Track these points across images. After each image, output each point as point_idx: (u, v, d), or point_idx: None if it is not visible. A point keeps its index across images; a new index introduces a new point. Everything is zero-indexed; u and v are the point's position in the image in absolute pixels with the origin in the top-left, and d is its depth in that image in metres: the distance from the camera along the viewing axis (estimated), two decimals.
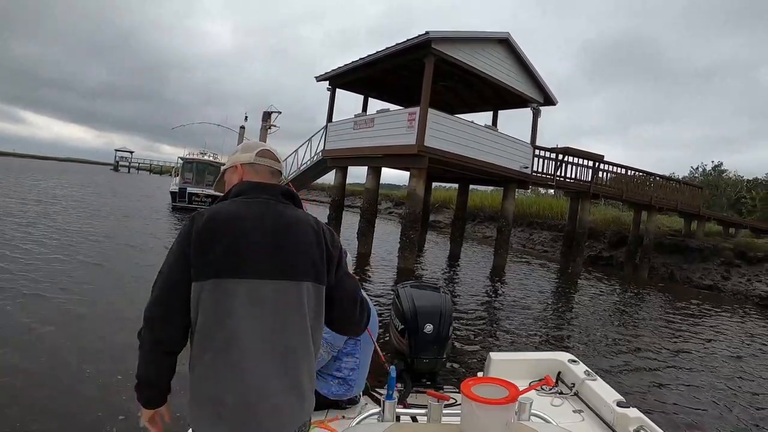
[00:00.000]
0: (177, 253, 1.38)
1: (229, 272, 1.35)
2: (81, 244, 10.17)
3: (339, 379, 2.49)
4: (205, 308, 1.34)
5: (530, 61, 13.38)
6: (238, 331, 1.34)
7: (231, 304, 1.34)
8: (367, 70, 13.47)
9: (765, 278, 14.46)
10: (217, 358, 1.34)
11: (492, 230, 24.59)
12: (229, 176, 1.62)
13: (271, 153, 1.61)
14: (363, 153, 13.45)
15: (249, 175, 1.57)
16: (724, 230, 21.79)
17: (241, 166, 1.58)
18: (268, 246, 1.41)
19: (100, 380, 4.15)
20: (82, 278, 7.50)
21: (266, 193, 1.51)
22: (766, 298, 13.45)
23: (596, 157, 15.52)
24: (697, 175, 40.39)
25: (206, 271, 1.34)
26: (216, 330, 1.34)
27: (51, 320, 5.44)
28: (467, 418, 1.55)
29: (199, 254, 1.35)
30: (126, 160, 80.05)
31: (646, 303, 12.07)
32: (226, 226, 1.39)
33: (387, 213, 35.10)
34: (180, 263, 1.37)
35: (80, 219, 14.10)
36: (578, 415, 2.52)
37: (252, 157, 1.57)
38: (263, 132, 26.02)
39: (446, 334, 2.78)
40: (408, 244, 11.91)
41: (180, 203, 21.13)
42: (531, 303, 10.13)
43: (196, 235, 1.36)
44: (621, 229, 20.06)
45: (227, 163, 1.64)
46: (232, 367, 1.33)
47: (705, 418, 4.93)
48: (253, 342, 1.35)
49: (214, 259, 1.35)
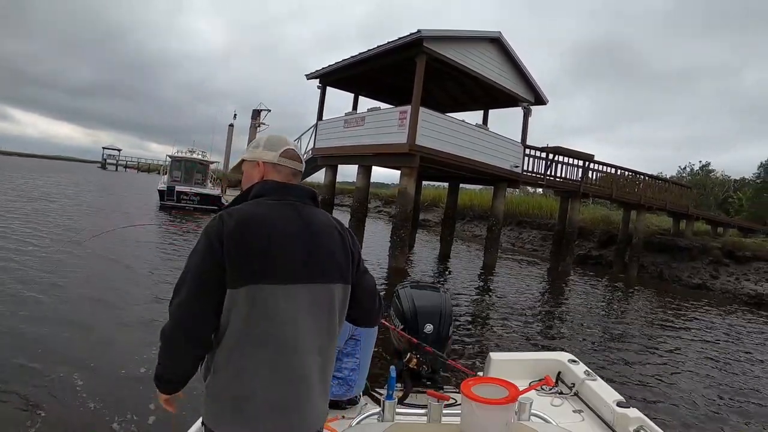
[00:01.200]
0: (207, 253, 1.33)
1: (265, 278, 1.33)
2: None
3: (339, 380, 2.46)
4: (240, 312, 1.32)
5: (521, 60, 13.39)
6: (276, 333, 1.34)
7: (269, 308, 1.33)
8: (358, 68, 13.39)
9: (753, 277, 14.61)
10: (252, 358, 1.33)
11: (481, 229, 24.64)
12: (249, 170, 1.57)
13: (294, 152, 1.57)
14: (354, 151, 13.39)
15: (271, 175, 1.53)
16: (713, 229, 22.04)
17: (263, 165, 1.53)
18: (301, 250, 1.40)
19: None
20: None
21: (292, 195, 1.49)
22: (755, 297, 13.58)
23: (586, 157, 15.60)
24: (684, 175, 40.84)
25: (242, 276, 1.32)
26: (251, 332, 1.33)
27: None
28: (467, 418, 1.54)
29: (233, 259, 1.31)
30: (114, 158, 79.38)
31: (637, 302, 12.15)
32: (258, 231, 1.36)
33: (376, 212, 35.05)
34: (211, 264, 1.32)
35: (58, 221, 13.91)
36: (578, 415, 2.50)
37: (276, 158, 1.53)
38: (252, 130, 25.88)
39: (446, 334, 2.77)
40: (399, 243, 11.87)
41: (168, 202, 20.93)
42: (524, 302, 10.15)
43: (228, 239, 1.32)
44: (610, 228, 20.18)
45: (248, 155, 1.58)
46: (270, 369, 1.34)
47: (703, 417, 4.95)
48: (291, 343, 1.36)
49: (250, 264, 1.32)
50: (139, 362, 4.56)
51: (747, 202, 32.10)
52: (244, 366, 1.33)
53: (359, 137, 13.05)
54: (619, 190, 16.71)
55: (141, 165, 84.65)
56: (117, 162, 79.57)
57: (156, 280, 8.09)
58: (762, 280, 14.30)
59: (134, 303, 6.59)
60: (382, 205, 36.38)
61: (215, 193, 22.68)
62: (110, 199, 23.14)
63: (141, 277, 8.19)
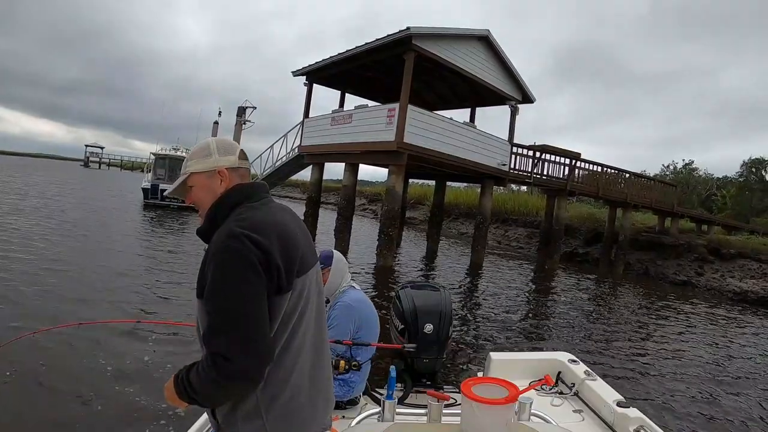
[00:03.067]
0: (250, 279, 1.19)
1: (300, 271, 1.30)
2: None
3: (340, 381, 2.50)
4: (285, 313, 1.27)
5: (509, 58, 13.40)
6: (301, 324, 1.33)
7: (303, 301, 1.32)
8: (345, 65, 13.32)
9: (738, 274, 14.83)
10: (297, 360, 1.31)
11: (467, 227, 24.73)
12: (205, 182, 1.38)
13: (244, 152, 1.44)
14: (341, 149, 13.32)
15: (234, 180, 1.39)
16: (697, 227, 22.34)
17: (226, 171, 1.37)
18: (303, 240, 1.37)
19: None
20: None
21: (263, 192, 1.40)
22: (740, 294, 13.76)
23: (573, 155, 15.68)
24: (668, 173, 41.34)
25: (288, 280, 1.25)
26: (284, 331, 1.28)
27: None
28: (467, 418, 1.53)
29: (279, 267, 1.22)
30: (97, 156, 78.59)
31: (627, 299, 12.32)
32: (278, 231, 1.27)
33: (361, 209, 34.97)
34: (259, 288, 1.19)
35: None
36: (578, 415, 2.52)
37: (236, 161, 1.40)
38: (238, 127, 25.70)
39: (446, 334, 2.77)
40: (387, 242, 11.83)
41: (152, 200, 20.69)
42: (515, 300, 10.22)
43: (263, 253, 1.20)
44: (596, 226, 20.33)
45: (199, 166, 1.38)
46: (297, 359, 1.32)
47: (704, 417, 4.98)
48: (310, 334, 1.36)
49: (290, 264, 1.27)
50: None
51: (730, 200, 32.64)
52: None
53: (347, 135, 12.98)
54: (606, 189, 16.84)
55: (124, 163, 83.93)
56: (100, 160, 78.84)
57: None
58: (746, 277, 14.51)
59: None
60: (367, 203, 36.25)
61: None
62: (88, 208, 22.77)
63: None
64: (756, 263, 14.99)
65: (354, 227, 14.56)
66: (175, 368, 1.37)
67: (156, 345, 4.98)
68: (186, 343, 5.07)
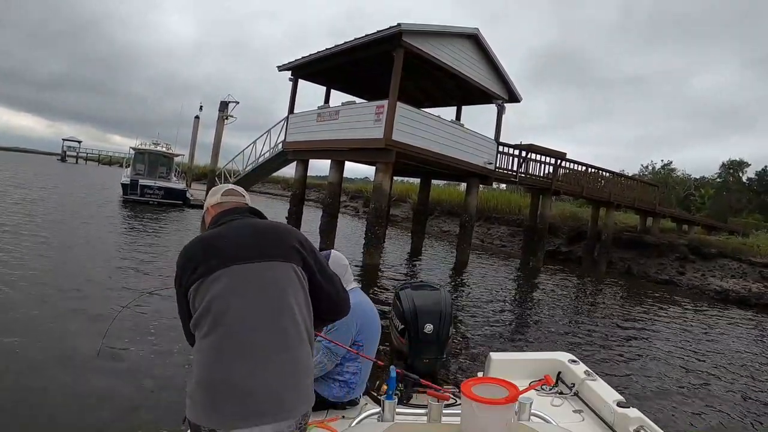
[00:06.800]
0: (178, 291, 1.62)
1: (217, 266, 1.55)
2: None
3: (340, 382, 2.52)
4: (200, 304, 1.53)
5: (497, 57, 13.43)
6: (227, 312, 1.50)
7: (219, 290, 1.52)
8: (332, 61, 13.19)
9: (719, 273, 15.11)
10: (205, 342, 1.49)
11: (450, 225, 24.77)
12: (205, 218, 1.88)
13: (234, 191, 1.88)
14: (327, 146, 13.22)
15: (216, 212, 1.81)
16: (678, 227, 22.69)
17: (211, 208, 1.84)
18: (249, 240, 1.62)
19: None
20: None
21: (235, 214, 1.76)
22: (721, 293, 14.02)
23: (558, 155, 15.80)
24: (647, 173, 41.89)
25: (198, 274, 1.55)
26: (205, 317, 1.51)
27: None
28: (467, 418, 1.52)
29: (187, 270, 1.57)
30: (74, 150, 76.97)
31: (612, 297, 12.50)
32: (208, 241, 1.64)
33: (342, 206, 34.70)
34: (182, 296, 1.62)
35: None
36: (578, 415, 2.52)
37: (219, 198, 1.85)
38: (220, 122, 25.38)
39: (446, 333, 2.76)
40: (374, 240, 11.77)
41: (131, 196, 20.34)
42: (503, 298, 10.31)
43: (181, 260, 1.61)
44: (579, 224, 20.52)
45: (203, 211, 1.91)
46: (220, 349, 1.47)
47: (703, 416, 5.03)
48: (240, 319, 1.50)
49: (200, 264, 1.56)
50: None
51: (708, 200, 33.22)
52: (201, 348, 1.55)
53: (333, 131, 12.88)
54: (589, 188, 17.00)
55: (102, 157, 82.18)
56: (77, 154, 77.26)
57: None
58: (727, 276, 14.78)
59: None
60: (348, 200, 35.99)
61: (180, 187, 22.16)
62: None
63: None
64: (736, 263, 15.31)
65: (338, 225, 14.48)
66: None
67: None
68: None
